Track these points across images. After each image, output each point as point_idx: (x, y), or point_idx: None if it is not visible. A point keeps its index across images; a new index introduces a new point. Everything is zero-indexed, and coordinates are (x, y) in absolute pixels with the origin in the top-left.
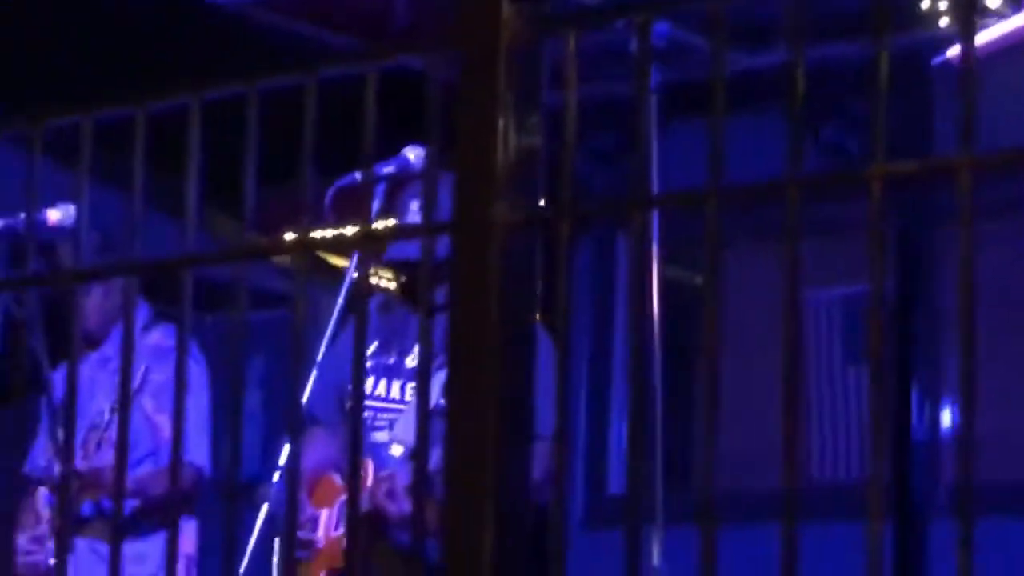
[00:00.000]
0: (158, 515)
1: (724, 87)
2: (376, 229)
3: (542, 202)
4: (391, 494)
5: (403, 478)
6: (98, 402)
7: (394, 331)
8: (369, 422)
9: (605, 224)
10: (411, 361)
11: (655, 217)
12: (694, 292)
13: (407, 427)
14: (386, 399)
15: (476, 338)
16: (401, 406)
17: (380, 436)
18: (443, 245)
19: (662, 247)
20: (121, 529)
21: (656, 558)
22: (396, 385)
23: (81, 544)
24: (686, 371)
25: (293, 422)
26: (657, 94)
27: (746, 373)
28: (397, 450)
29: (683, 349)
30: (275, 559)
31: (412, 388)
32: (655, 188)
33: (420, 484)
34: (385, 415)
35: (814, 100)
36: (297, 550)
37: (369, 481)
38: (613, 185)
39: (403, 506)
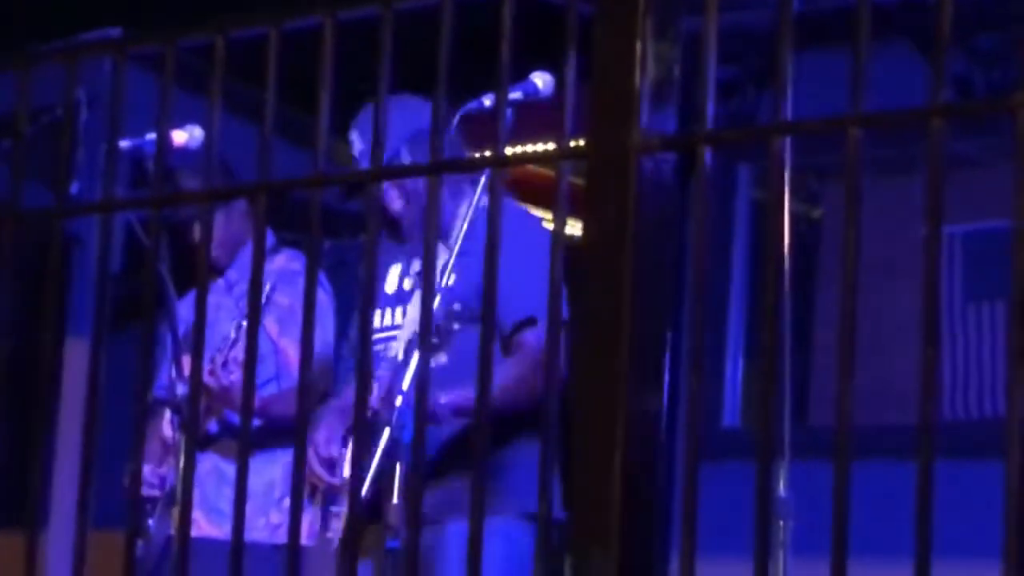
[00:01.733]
0: (281, 437)
1: (869, 13)
2: (508, 155)
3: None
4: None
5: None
6: (223, 327)
7: (386, 260)
8: (382, 352)
9: (723, 154)
10: (389, 287)
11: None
12: (809, 225)
13: (399, 347)
14: (392, 327)
15: (609, 263)
16: (396, 332)
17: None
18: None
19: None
20: (248, 448)
21: (782, 489)
22: (399, 311)
23: (206, 461)
24: (804, 304)
25: (423, 348)
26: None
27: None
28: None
29: (800, 281)
30: (396, 483)
31: (400, 310)
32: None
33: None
34: (393, 343)
35: (935, 34)
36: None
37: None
38: (727, 118)
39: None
